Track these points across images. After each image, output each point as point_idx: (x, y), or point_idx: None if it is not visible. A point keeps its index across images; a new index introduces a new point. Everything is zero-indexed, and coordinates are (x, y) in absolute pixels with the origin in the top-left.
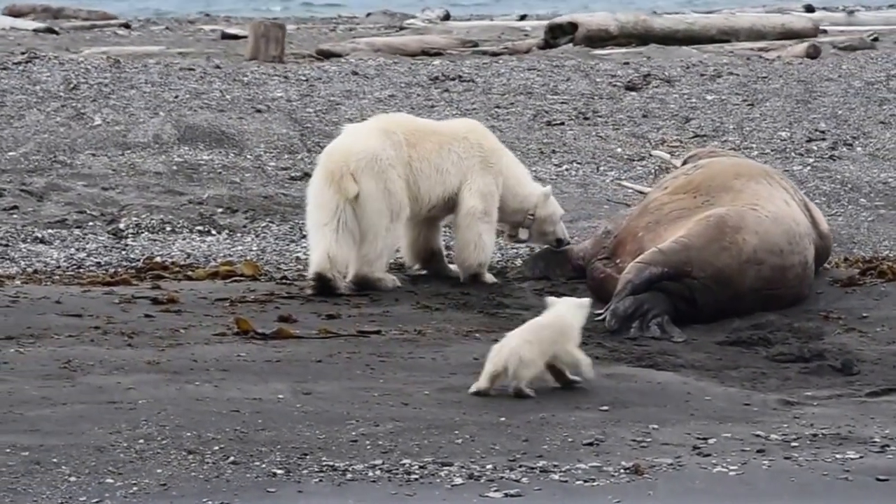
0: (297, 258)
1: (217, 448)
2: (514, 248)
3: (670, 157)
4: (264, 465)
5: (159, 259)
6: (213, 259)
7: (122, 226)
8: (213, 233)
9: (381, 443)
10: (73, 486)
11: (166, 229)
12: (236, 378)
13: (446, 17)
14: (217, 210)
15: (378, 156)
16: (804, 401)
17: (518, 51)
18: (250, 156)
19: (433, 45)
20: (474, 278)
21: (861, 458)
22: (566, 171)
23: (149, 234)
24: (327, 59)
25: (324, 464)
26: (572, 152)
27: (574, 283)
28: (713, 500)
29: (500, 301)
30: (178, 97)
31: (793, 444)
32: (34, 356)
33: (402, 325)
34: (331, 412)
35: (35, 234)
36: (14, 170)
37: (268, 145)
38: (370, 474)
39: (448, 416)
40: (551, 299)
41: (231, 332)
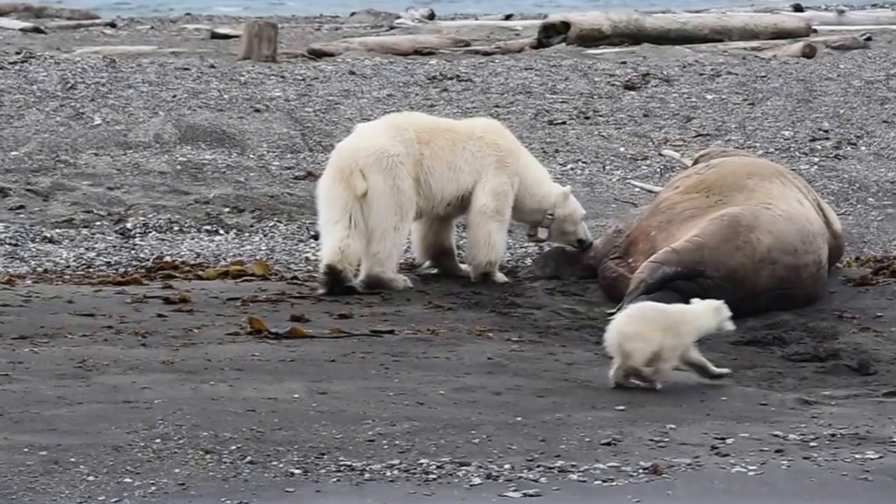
0: (306, 258)
1: (234, 448)
2: (523, 248)
3: (680, 156)
4: (282, 465)
5: (169, 259)
6: (223, 258)
7: (129, 225)
8: (221, 232)
9: (397, 442)
10: (91, 486)
11: (174, 229)
12: (251, 378)
13: (431, 16)
14: (224, 209)
15: (387, 152)
16: (821, 400)
17: (511, 50)
18: (253, 155)
19: (426, 45)
20: (485, 277)
21: (880, 458)
22: (571, 170)
23: (156, 233)
24: (319, 59)
25: (341, 463)
26: (576, 151)
27: (585, 283)
28: (733, 500)
29: (511, 301)
30: (176, 97)
31: (811, 444)
32: (49, 356)
33: (414, 325)
34: (347, 412)
35: (43, 234)
36: (18, 169)
37: (270, 145)
38: (388, 474)
39: (464, 415)
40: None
41: (244, 331)
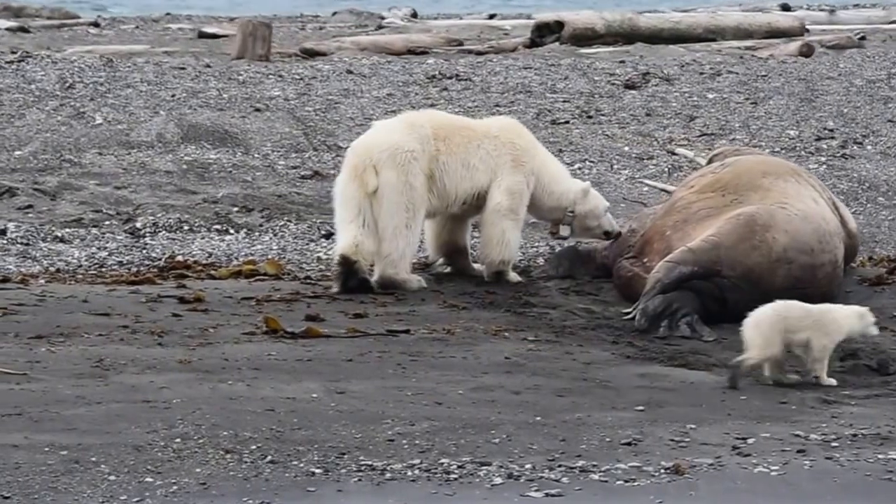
0: (318, 257)
1: (254, 447)
2: (534, 247)
3: (694, 154)
4: (302, 465)
5: (181, 258)
6: (235, 258)
7: (138, 225)
8: (231, 232)
9: (417, 442)
10: (113, 485)
11: (184, 228)
12: (269, 377)
13: (413, 15)
14: (232, 209)
15: (401, 148)
16: (841, 400)
17: (504, 49)
18: (258, 154)
19: (419, 44)
20: (498, 276)
21: None
22: (579, 169)
23: (166, 232)
24: (312, 58)
25: (362, 463)
26: (580, 151)
27: (599, 282)
28: (756, 501)
29: (526, 300)
30: (176, 96)
31: (833, 444)
32: (66, 355)
33: (430, 325)
34: (365, 411)
35: (55, 234)
36: (24, 169)
37: (274, 144)
38: (409, 474)
39: (483, 415)
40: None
41: (260, 331)
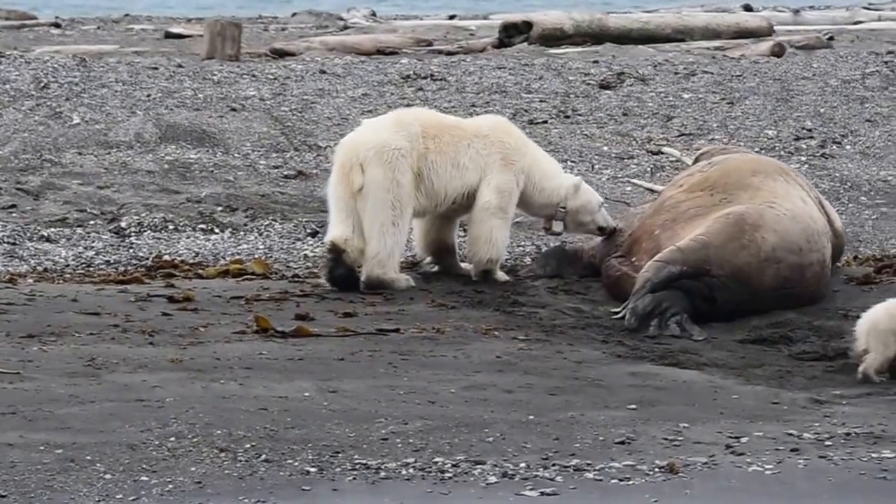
0: (304, 256)
1: (249, 446)
2: (520, 246)
3: (681, 154)
4: (297, 464)
5: (168, 257)
6: (222, 257)
7: (123, 224)
8: (217, 231)
9: (411, 441)
10: (108, 484)
11: (169, 228)
12: (261, 376)
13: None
14: (216, 208)
15: (388, 146)
16: (833, 399)
17: (473, 49)
18: (238, 154)
19: (388, 44)
20: (485, 275)
21: None
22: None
23: (152, 232)
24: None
25: (356, 462)
26: (560, 151)
27: (587, 282)
28: (752, 500)
29: (515, 299)
30: (151, 96)
31: (826, 442)
32: (57, 354)
33: (419, 324)
34: (358, 410)
35: (41, 233)
36: (5, 168)
37: (254, 144)
38: (403, 472)
39: (476, 414)
40: None
41: (250, 330)
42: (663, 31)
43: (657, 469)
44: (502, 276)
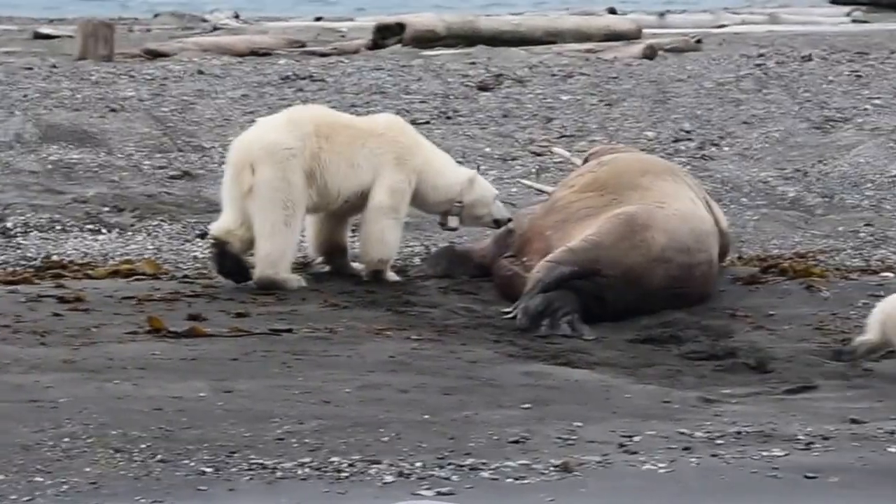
0: (194, 257)
1: (144, 446)
2: (409, 247)
3: (571, 154)
4: (193, 464)
5: (57, 258)
6: (111, 258)
7: (9, 224)
8: (104, 231)
9: (307, 441)
10: (2, 485)
11: (56, 228)
12: (154, 376)
13: (236, 17)
14: (103, 209)
15: (280, 145)
16: (723, 398)
17: (347, 51)
18: (121, 154)
19: (261, 46)
20: (376, 275)
21: (787, 455)
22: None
23: (38, 232)
24: (155, 59)
25: (252, 462)
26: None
27: (478, 282)
28: (646, 499)
29: (406, 299)
30: (28, 96)
31: (717, 441)
32: None
33: (312, 324)
34: (254, 410)
35: None
36: None
37: (137, 145)
38: (300, 472)
39: (371, 413)
40: None
41: (142, 330)
42: (534, 34)
43: (552, 468)
44: (393, 276)
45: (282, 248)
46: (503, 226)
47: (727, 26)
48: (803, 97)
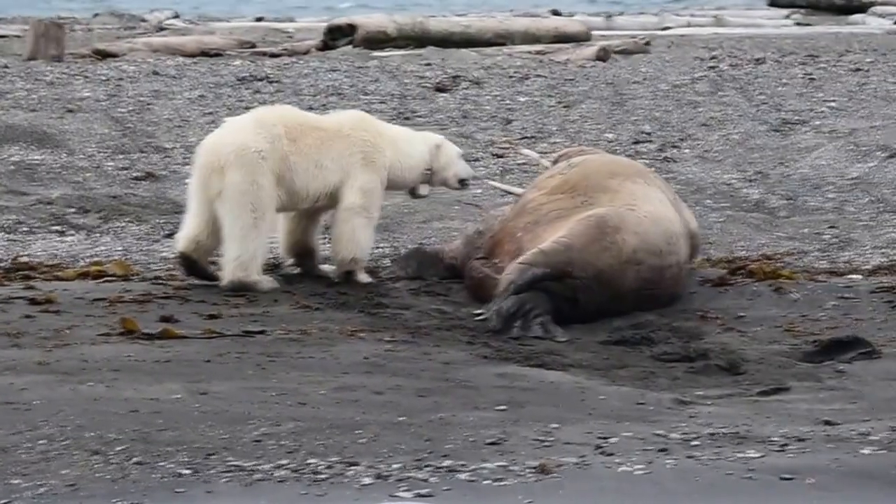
0: (163, 258)
1: (120, 448)
2: (379, 248)
3: (539, 156)
4: (170, 466)
5: (25, 259)
6: (79, 259)
7: None
8: (71, 233)
9: (284, 442)
10: None
11: (22, 229)
12: (129, 378)
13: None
14: (68, 210)
15: (248, 148)
16: (697, 400)
17: (298, 52)
18: (83, 155)
19: (211, 46)
20: (348, 275)
21: (762, 456)
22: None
23: (4, 234)
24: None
25: (230, 464)
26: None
27: (448, 283)
28: (624, 500)
29: (378, 301)
30: None
31: (693, 443)
32: None
33: (285, 325)
34: (230, 412)
35: None
36: None
37: (98, 145)
38: (277, 474)
39: (348, 415)
40: None
41: (115, 332)
42: (484, 36)
43: (529, 469)
44: (365, 277)
45: (252, 250)
46: (467, 186)
47: (672, 28)
48: (759, 99)
